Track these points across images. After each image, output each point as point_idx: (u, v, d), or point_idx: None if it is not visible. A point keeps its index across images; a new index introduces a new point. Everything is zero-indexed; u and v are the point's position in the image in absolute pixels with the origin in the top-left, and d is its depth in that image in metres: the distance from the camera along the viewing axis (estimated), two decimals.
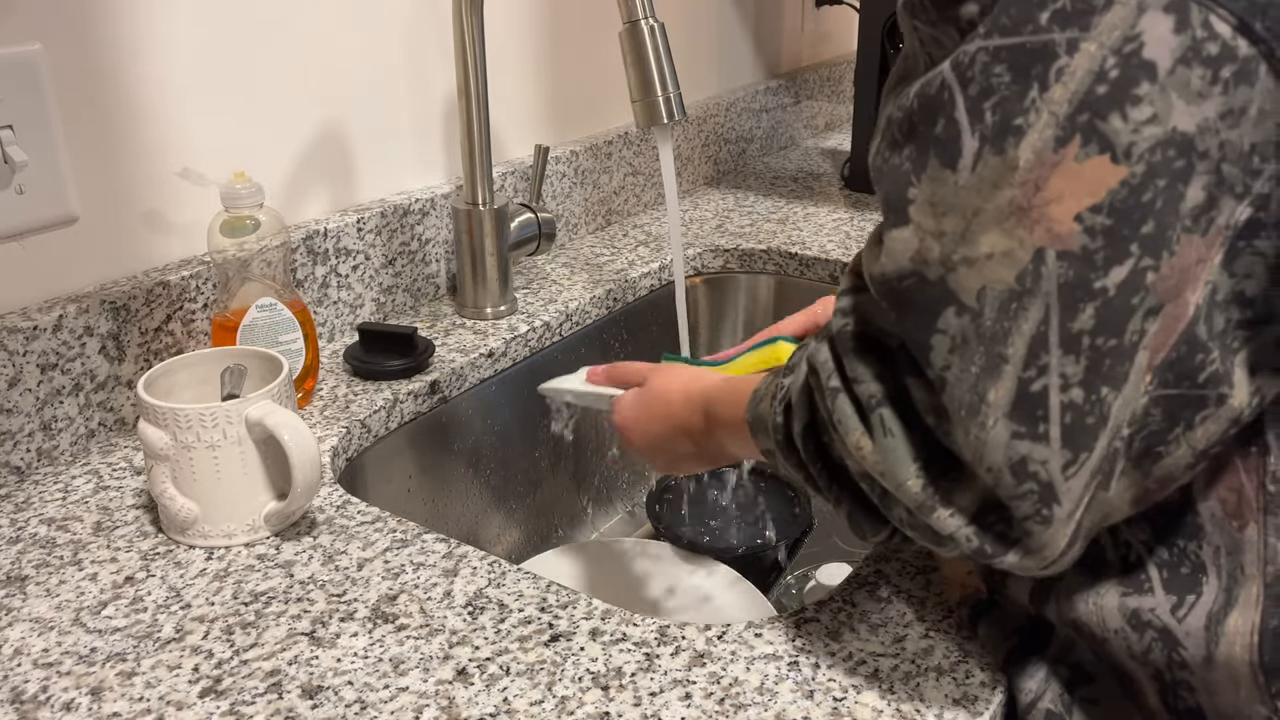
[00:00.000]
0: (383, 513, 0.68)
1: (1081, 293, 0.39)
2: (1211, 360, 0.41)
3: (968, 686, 0.53)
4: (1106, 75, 0.38)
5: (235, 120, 0.84)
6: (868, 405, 0.45)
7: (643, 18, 0.79)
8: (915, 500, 0.44)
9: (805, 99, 1.65)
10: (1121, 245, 0.39)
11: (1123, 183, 0.38)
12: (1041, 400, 0.40)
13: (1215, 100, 0.38)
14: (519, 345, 0.96)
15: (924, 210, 0.42)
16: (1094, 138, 0.38)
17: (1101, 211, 0.38)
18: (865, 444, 0.45)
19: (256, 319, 0.78)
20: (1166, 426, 0.41)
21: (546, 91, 1.15)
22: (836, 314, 0.48)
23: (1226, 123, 0.38)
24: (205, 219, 0.83)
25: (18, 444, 0.72)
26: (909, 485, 0.44)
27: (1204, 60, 0.38)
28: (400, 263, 0.98)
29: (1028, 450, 0.40)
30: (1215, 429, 0.42)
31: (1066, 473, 0.41)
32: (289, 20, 0.86)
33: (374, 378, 0.86)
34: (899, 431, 0.44)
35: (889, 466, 0.44)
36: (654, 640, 0.57)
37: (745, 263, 1.19)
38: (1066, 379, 0.40)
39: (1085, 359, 0.40)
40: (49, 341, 0.72)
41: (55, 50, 0.72)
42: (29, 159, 0.70)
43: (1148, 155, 0.38)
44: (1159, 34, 0.38)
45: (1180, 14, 0.37)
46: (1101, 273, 0.39)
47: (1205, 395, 0.41)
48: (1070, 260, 0.39)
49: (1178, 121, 0.38)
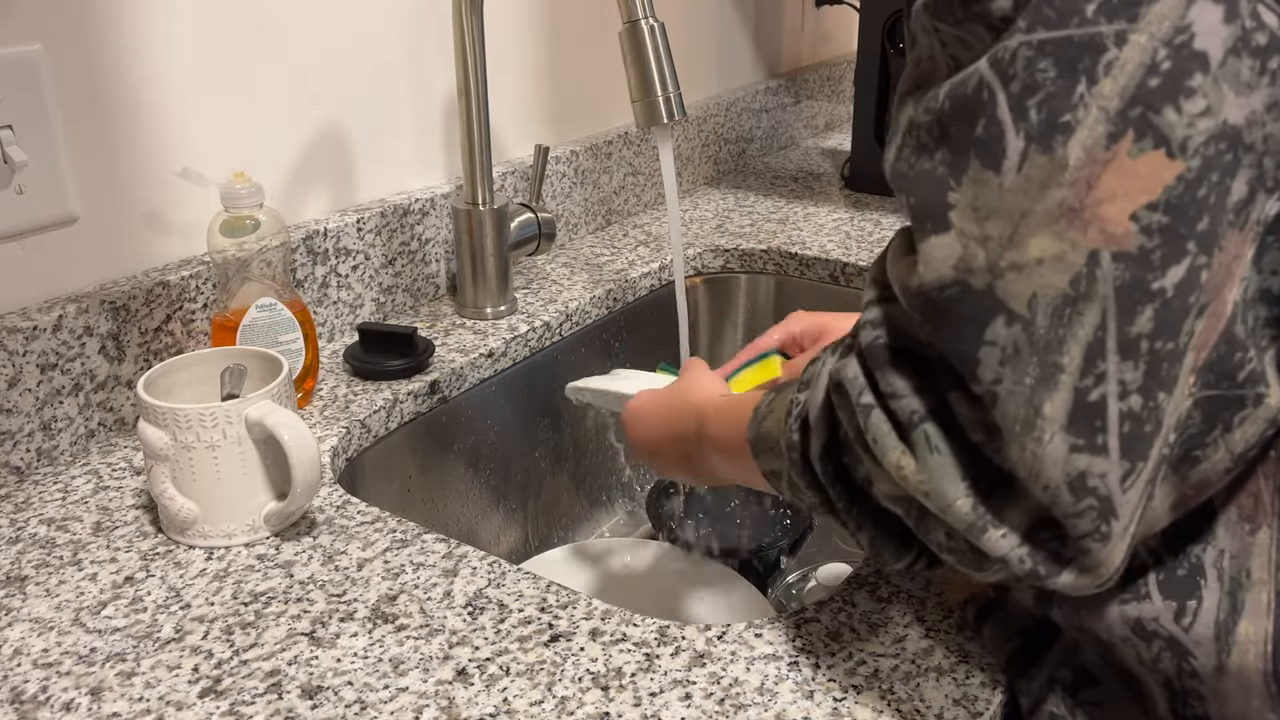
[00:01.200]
0: (383, 513, 0.68)
1: (1140, 295, 0.37)
2: (1250, 359, 0.40)
3: (968, 687, 0.53)
4: (1159, 67, 0.37)
5: (235, 120, 0.84)
6: (908, 422, 0.42)
7: (643, 17, 0.79)
8: (965, 521, 0.41)
9: (805, 99, 1.65)
10: (1179, 243, 0.37)
11: (1179, 178, 0.37)
12: (1100, 410, 0.38)
13: (1263, 92, 0.37)
14: (519, 345, 0.96)
15: (966, 215, 0.40)
16: (1148, 132, 0.37)
17: (1158, 209, 0.37)
18: (908, 463, 0.42)
19: (256, 319, 0.78)
20: (1205, 429, 0.41)
21: (546, 91, 1.15)
22: (864, 327, 0.45)
23: (1272, 115, 0.38)
24: (205, 219, 0.83)
25: (17, 444, 0.72)
26: (958, 505, 0.41)
27: (1253, 50, 0.37)
28: (400, 263, 0.98)
29: (1086, 464, 0.38)
30: (1253, 430, 0.41)
31: (1125, 484, 0.39)
32: (289, 20, 0.86)
33: (374, 378, 0.86)
34: (945, 449, 0.41)
35: (935, 486, 0.41)
36: (654, 640, 0.57)
37: (745, 263, 1.19)
38: (1125, 386, 0.38)
39: (1144, 364, 0.38)
40: (49, 341, 0.72)
41: (55, 50, 0.72)
42: (29, 159, 0.70)
43: (1203, 149, 0.37)
44: (1209, 24, 0.37)
45: (1229, 4, 0.37)
46: (1159, 273, 0.37)
47: (1244, 395, 0.40)
48: (1127, 261, 0.37)
49: (1229, 114, 0.37)
